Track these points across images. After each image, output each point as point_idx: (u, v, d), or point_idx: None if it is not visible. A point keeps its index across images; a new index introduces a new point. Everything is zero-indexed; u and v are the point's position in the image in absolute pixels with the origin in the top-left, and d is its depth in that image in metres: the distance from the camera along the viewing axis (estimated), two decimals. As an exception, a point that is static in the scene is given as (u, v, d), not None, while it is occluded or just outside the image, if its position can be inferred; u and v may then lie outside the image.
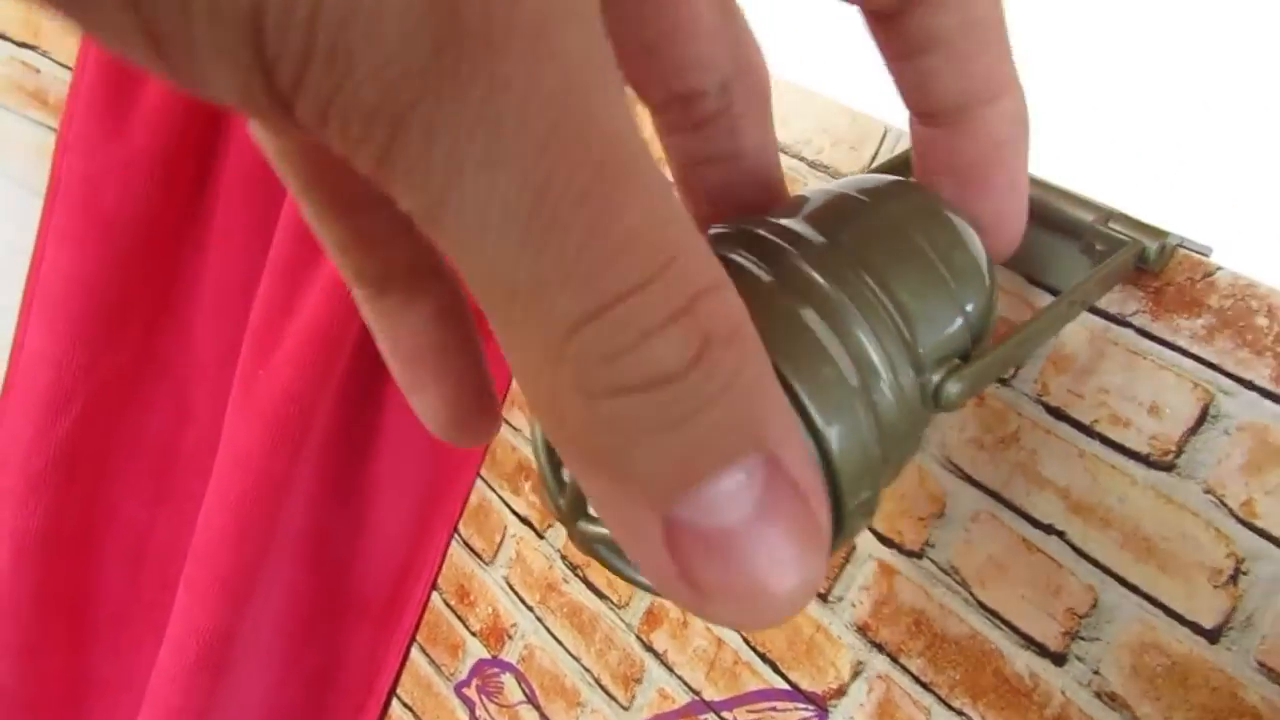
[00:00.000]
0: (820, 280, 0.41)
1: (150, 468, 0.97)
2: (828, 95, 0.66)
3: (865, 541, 0.64)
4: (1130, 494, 0.54)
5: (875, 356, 0.41)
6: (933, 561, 0.61)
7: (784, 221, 0.46)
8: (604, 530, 0.44)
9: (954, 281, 0.46)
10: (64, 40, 0.93)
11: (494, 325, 0.15)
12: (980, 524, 0.59)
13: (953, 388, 0.44)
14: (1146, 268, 0.52)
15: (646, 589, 0.48)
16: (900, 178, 0.55)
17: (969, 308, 0.48)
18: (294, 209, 0.84)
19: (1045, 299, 0.57)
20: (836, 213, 0.48)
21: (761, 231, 0.45)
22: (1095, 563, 0.55)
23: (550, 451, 0.47)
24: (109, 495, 0.97)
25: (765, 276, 0.42)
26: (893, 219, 0.47)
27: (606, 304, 0.14)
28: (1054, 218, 0.55)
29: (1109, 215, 0.53)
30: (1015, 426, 0.58)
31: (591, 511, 0.44)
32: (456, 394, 0.29)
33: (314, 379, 0.82)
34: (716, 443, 0.15)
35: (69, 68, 0.93)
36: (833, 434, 0.39)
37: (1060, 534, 0.56)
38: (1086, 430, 0.56)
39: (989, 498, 0.59)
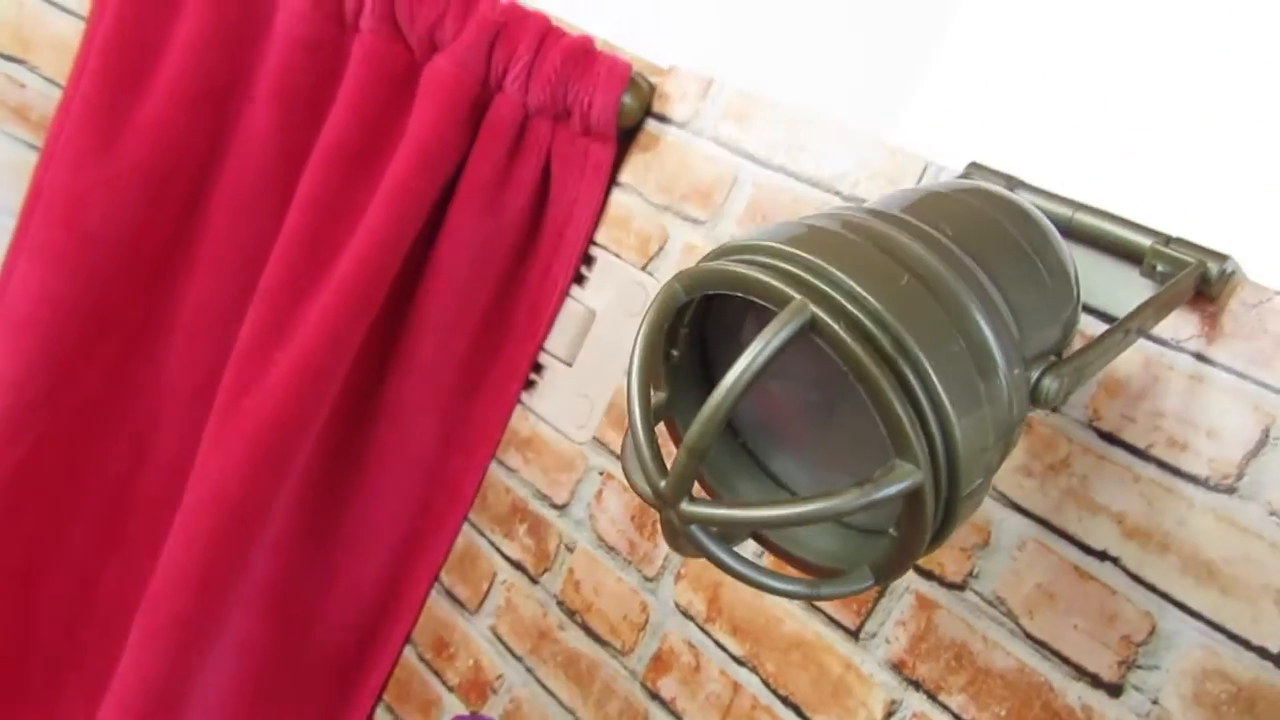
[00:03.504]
0: (938, 267, 0.40)
1: (103, 511, 0.91)
2: (866, 130, 0.66)
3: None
4: (1189, 517, 0.54)
5: (993, 345, 0.40)
6: (976, 593, 0.60)
7: (887, 210, 0.45)
8: (707, 510, 0.42)
9: (1050, 281, 0.46)
10: (55, 55, 0.90)
11: None
12: (1028, 552, 0.58)
13: (1051, 384, 0.43)
14: (1205, 291, 0.53)
15: (740, 577, 0.44)
16: (976, 181, 0.55)
17: (1063, 307, 0.47)
18: (291, 235, 0.81)
19: (1098, 325, 0.57)
20: (932, 207, 0.47)
21: (870, 218, 0.44)
22: (1153, 588, 0.54)
23: (652, 435, 0.44)
24: (56, 537, 0.89)
25: (886, 258, 0.41)
26: (989, 215, 0.47)
27: None
28: (1110, 242, 0.56)
29: (1168, 239, 0.54)
30: (1065, 453, 0.58)
31: (695, 491, 0.42)
32: None
33: (305, 409, 0.78)
34: None
35: (58, 84, 0.89)
36: (958, 414, 0.38)
37: (1114, 560, 0.55)
38: (1142, 454, 0.55)
39: (1037, 525, 0.58)
